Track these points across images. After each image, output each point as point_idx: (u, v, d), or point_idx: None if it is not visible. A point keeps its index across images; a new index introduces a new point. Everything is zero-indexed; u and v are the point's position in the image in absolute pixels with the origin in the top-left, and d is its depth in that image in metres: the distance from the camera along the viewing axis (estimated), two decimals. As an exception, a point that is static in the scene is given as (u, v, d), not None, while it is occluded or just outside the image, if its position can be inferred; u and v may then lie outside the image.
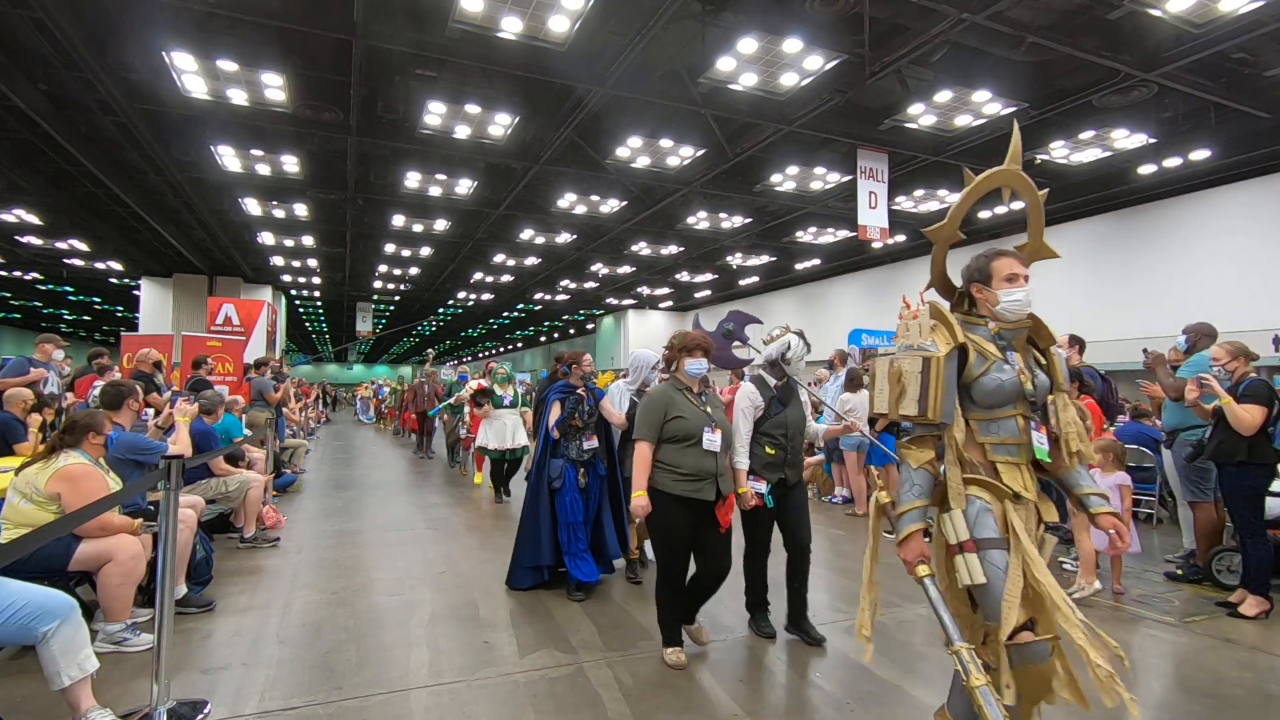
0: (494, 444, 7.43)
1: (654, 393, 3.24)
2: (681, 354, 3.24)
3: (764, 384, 3.49)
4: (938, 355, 1.98)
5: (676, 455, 3.10)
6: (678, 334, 3.30)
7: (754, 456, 3.39)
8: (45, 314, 29.27)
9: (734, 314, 4.07)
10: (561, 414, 4.35)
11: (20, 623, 2.34)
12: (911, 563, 2.05)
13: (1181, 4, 6.07)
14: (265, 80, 7.41)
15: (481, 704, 2.81)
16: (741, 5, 6.50)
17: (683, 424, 3.10)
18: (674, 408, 3.13)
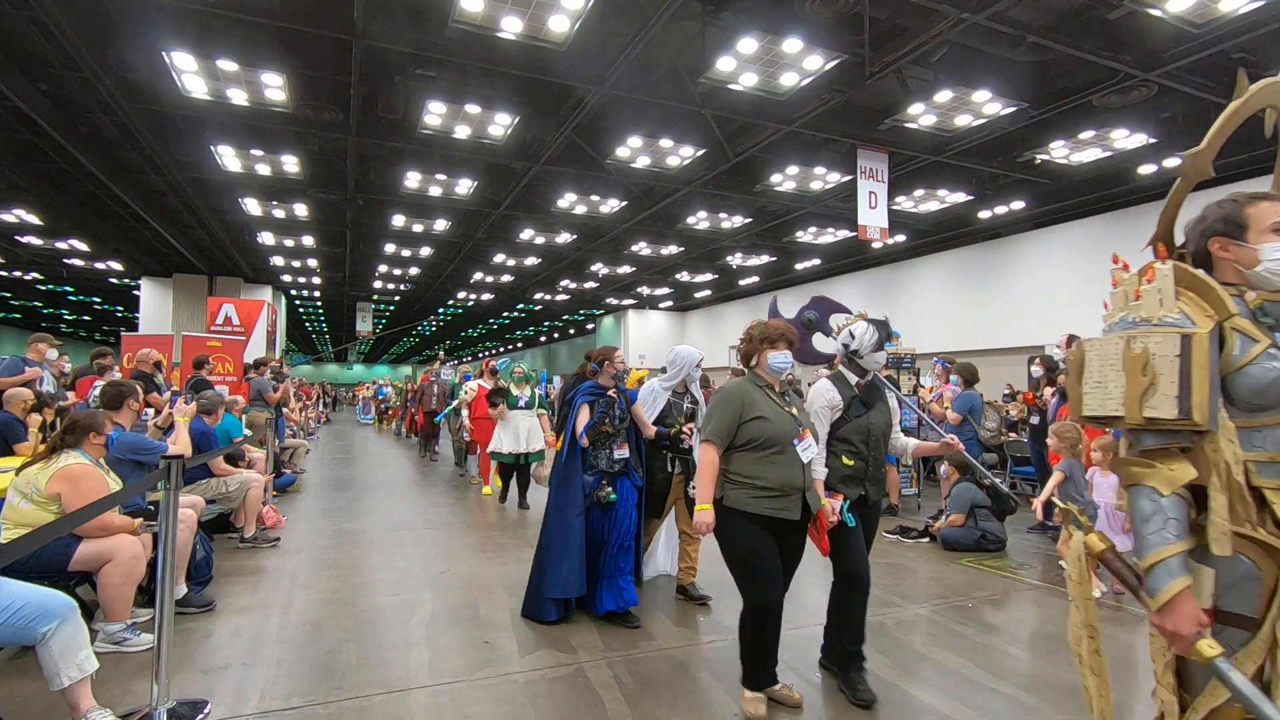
0: (508, 447, 7.04)
1: (730, 388, 2.78)
2: (763, 346, 2.81)
3: (843, 381, 2.99)
4: (1200, 332, 1.40)
5: (757, 466, 2.62)
6: (757, 323, 2.87)
7: (829, 468, 2.90)
8: (45, 314, 29.26)
9: (817, 300, 3.50)
10: (591, 418, 3.87)
11: (20, 623, 2.34)
12: (1186, 637, 1.34)
13: (1181, 4, 6.07)
14: (265, 80, 7.41)
15: (481, 704, 2.81)
16: (741, 5, 6.49)
17: (765, 427, 2.63)
18: (753, 406, 2.67)
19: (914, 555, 5.50)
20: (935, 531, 5.87)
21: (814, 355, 3.42)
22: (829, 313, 3.44)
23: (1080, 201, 11.48)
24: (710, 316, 24.68)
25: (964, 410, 6.31)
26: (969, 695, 2.94)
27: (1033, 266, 13.28)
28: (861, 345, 2.96)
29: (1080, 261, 12.43)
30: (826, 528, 2.75)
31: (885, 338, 2.98)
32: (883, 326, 2.98)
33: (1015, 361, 12.51)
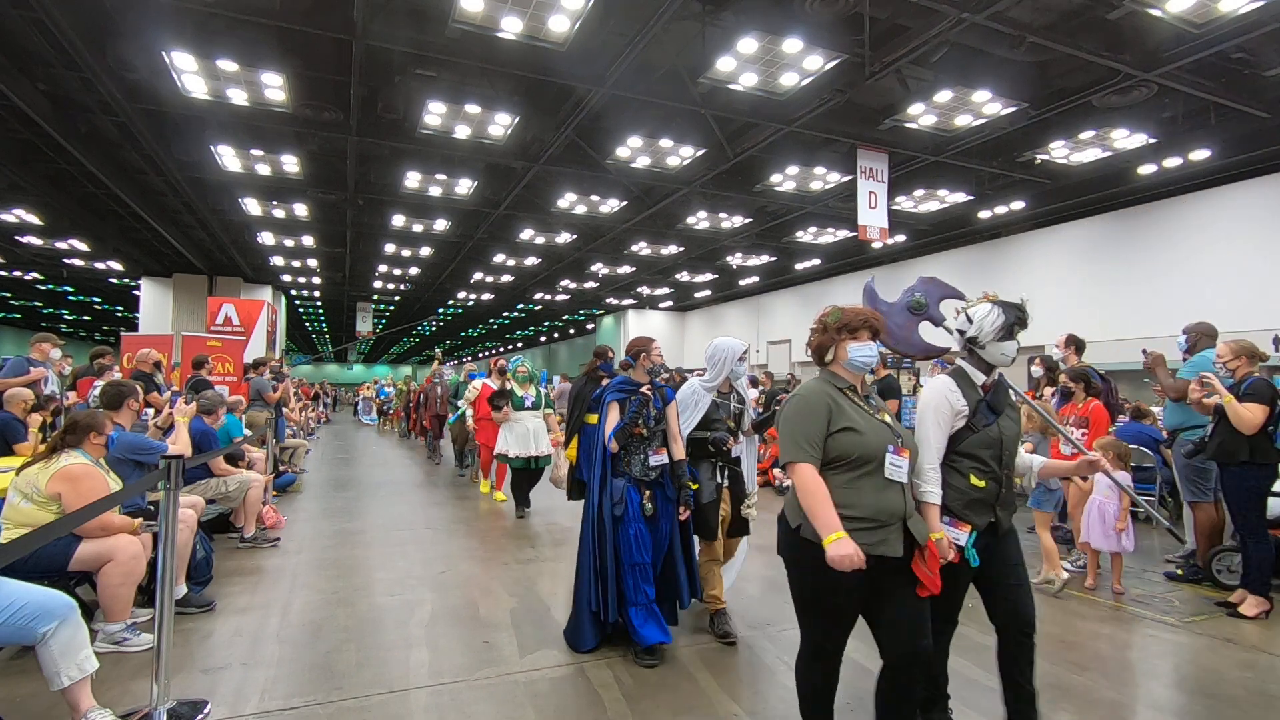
0: (515, 450, 6.72)
1: (808, 391, 2.21)
2: (841, 335, 2.23)
3: (966, 380, 2.39)
4: None
5: (846, 489, 2.09)
6: (832, 309, 2.30)
7: (949, 489, 2.31)
8: (45, 314, 29.28)
9: (926, 281, 2.89)
10: (621, 419, 3.40)
11: (20, 623, 2.34)
12: None
13: (1181, 4, 6.07)
14: (265, 80, 7.41)
15: (481, 704, 2.81)
16: (741, 5, 6.49)
17: (856, 441, 2.08)
18: (840, 415, 2.11)
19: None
20: (935, 531, 5.85)
21: (919, 346, 2.80)
22: (941, 297, 2.84)
23: (1080, 201, 11.48)
24: (710, 316, 24.70)
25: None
26: (969, 695, 2.94)
27: (1033, 266, 13.28)
28: (982, 332, 2.37)
29: (1080, 261, 12.44)
30: (939, 562, 2.16)
31: (1018, 324, 2.36)
32: (1012, 310, 2.36)
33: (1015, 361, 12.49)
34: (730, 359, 3.57)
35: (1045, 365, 6.77)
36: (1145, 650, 3.51)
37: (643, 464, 3.40)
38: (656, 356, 3.57)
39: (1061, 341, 5.73)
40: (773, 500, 7.85)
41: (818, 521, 2.03)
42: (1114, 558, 4.37)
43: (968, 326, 2.44)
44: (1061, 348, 5.70)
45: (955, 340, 2.53)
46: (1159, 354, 4.91)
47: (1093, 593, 4.38)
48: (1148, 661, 3.38)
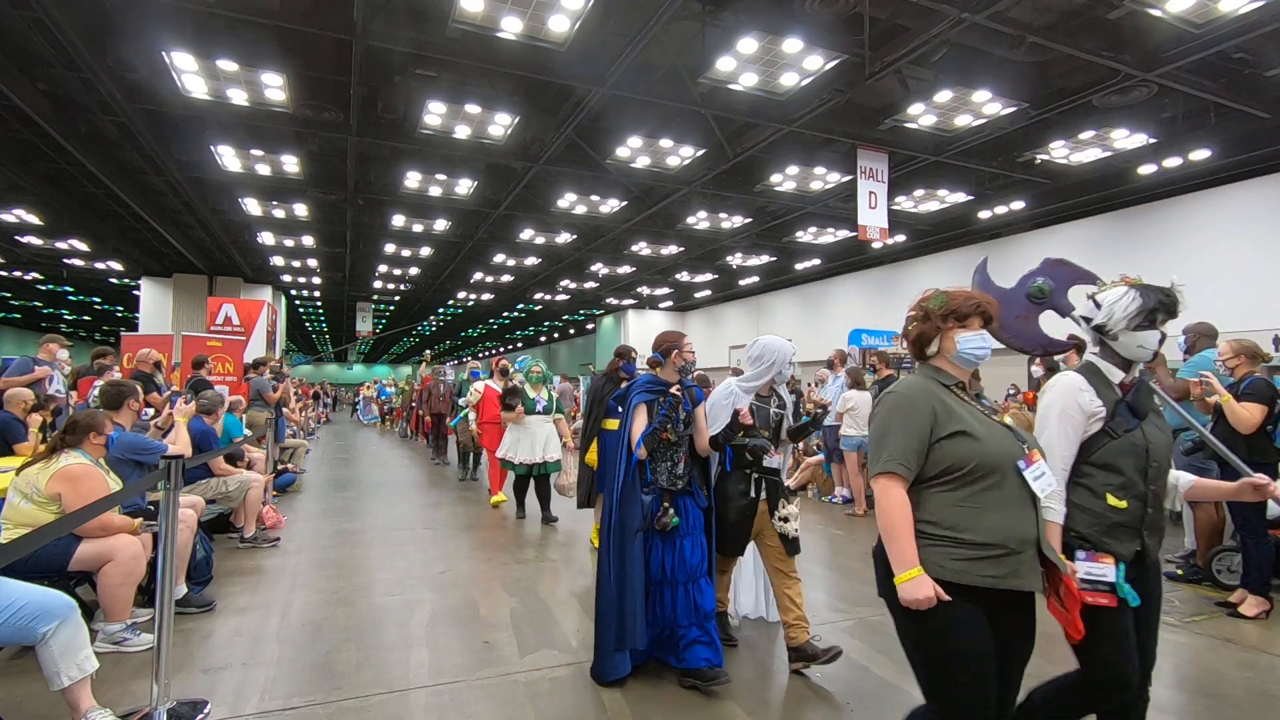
0: (522, 456, 6.30)
1: (909, 389, 1.86)
2: (948, 324, 1.88)
3: (1100, 377, 2.00)
4: None
5: (964, 509, 1.73)
6: (935, 292, 1.95)
7: (1079, 512, 1.92)
8: (45, 314, 29.26)
9: (1052, 264, 2.50)
10: (650, 423, 3.09)
11: (20, 623, 2.34)
12: None
13: (1181, 4, 6.07)
14: (265, 80, 7.41)
15: (481, 704, 2.81)
16: (741, 5, 6.49)
17: (972, 449, 1.73)
18: (950, 418, 1.78)
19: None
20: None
21: (1038, 340, 2.45)
22: (1070, 282, 2.42)
23: (1080, 201, 11.48)
24: (710, 316, 24.69)
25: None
26: (969, 695, 2.93)
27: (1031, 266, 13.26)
28: (1112, 319, 1.98)
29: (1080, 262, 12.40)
30: (1078, 602, 1.79)
31: (1161, 311, 1.96)
32: (1153, 294, 1.96)
33: (1016, 361, 12.49)
34: (780, 362, 3.23)
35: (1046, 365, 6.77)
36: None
37: (670, 472, 3.07)
38: (689, 354, 3.24)
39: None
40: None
41: (892, 549, 1.74)
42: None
43: (1095, 313, 2.05)
44: (1062, 348, 5.69)
45: (1084, 331, 2.11)
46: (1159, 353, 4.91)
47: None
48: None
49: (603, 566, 3.07)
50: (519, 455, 6.31)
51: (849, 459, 7.23)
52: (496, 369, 7.72)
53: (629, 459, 3.10)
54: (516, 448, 6.33)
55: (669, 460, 3.09)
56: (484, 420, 7.48)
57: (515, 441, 6.36)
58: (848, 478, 7.43)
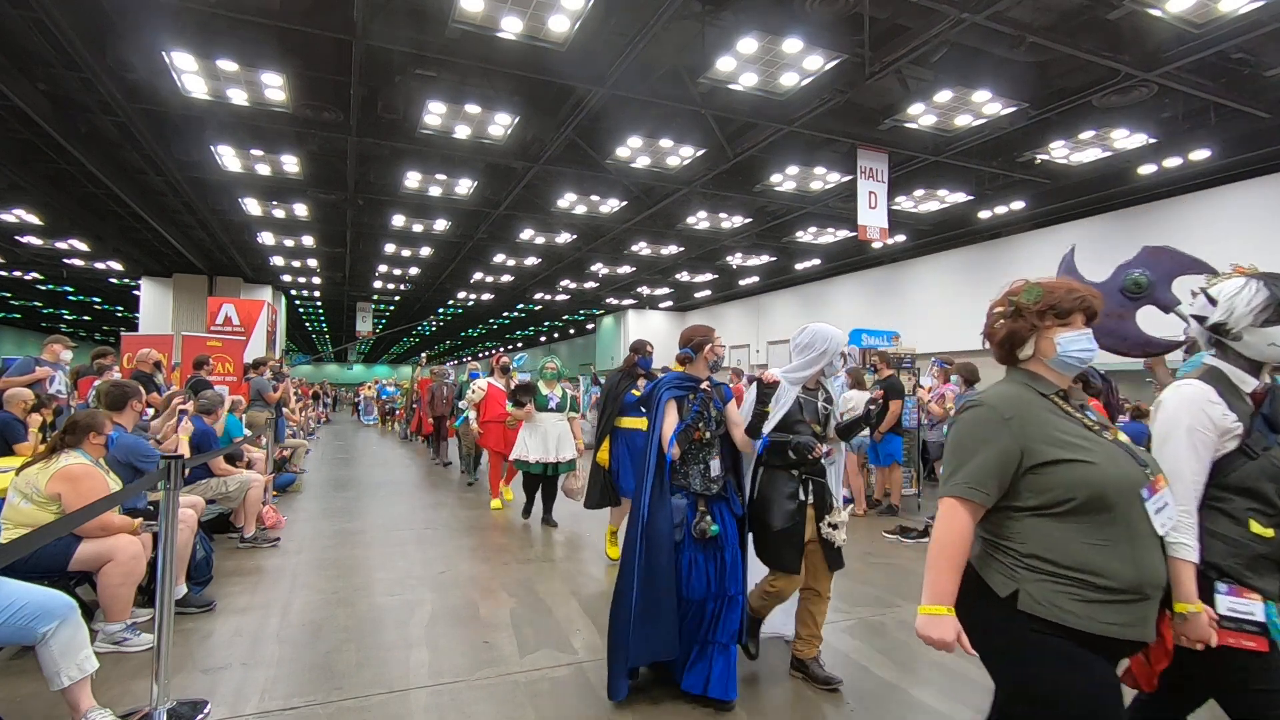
0: (535, 455, 6.07)
1: (997, 401, 1.57)
2: (1046, 321, 1.59)
3: (1229, 386, 1.72)
4: None
5: (1085, 545, 1.45)
6: (1027, 284, 1.64)
7: (1216, 541, 1.65)
8: (45, 314, 29.26)
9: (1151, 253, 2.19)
10: (681, 421, 2.92)
11: (20, 623, 2.34)
12: None
13: (1181, 4, 6.07)
14: (265, 80, 7.41)
15: (481, 704, 2.81)
16: (741, 5, 6.49)
17: (1087, 475, 1.45)
18: (1054, 437, 1.50)
19: (914, 555, 5.50)
20: (935, 531, 5.85)
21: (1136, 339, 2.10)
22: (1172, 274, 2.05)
23: (1080, 201, 11.48)
24: (710, 317, 24.68)
25: (966, 411, 6.29)
26: (969, 695, 2.94)
27: (1033, 266, 13.11)
28: (1233, 315, 1.70)
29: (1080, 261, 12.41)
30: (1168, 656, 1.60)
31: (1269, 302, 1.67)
32: (1278, 283, 1.69)
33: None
34: (831, 352, 2.97)
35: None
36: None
37: (703, 475, 2.86)
38: (720, 349, 3.11)
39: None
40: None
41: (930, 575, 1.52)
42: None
43: (1210, 310, 1.75)
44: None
45: (1194, 329, 1.83)
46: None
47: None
48: (1148, 661, 3.38)
49: (625, 576, 2.80)
50: (532, 454, 6.08)
51: (849, 459, 7.24)
52: (497, 366, 7.60)
53: (659, 460, 2.88)
54: (529, 446, 6.10)
55: (701, 462, 2.88)
56: (485, 419, 7.29)
57: (528, 440, 6.15)
58: (848, 478, 7.44)
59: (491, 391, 7.30)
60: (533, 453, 6.08)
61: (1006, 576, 1.51)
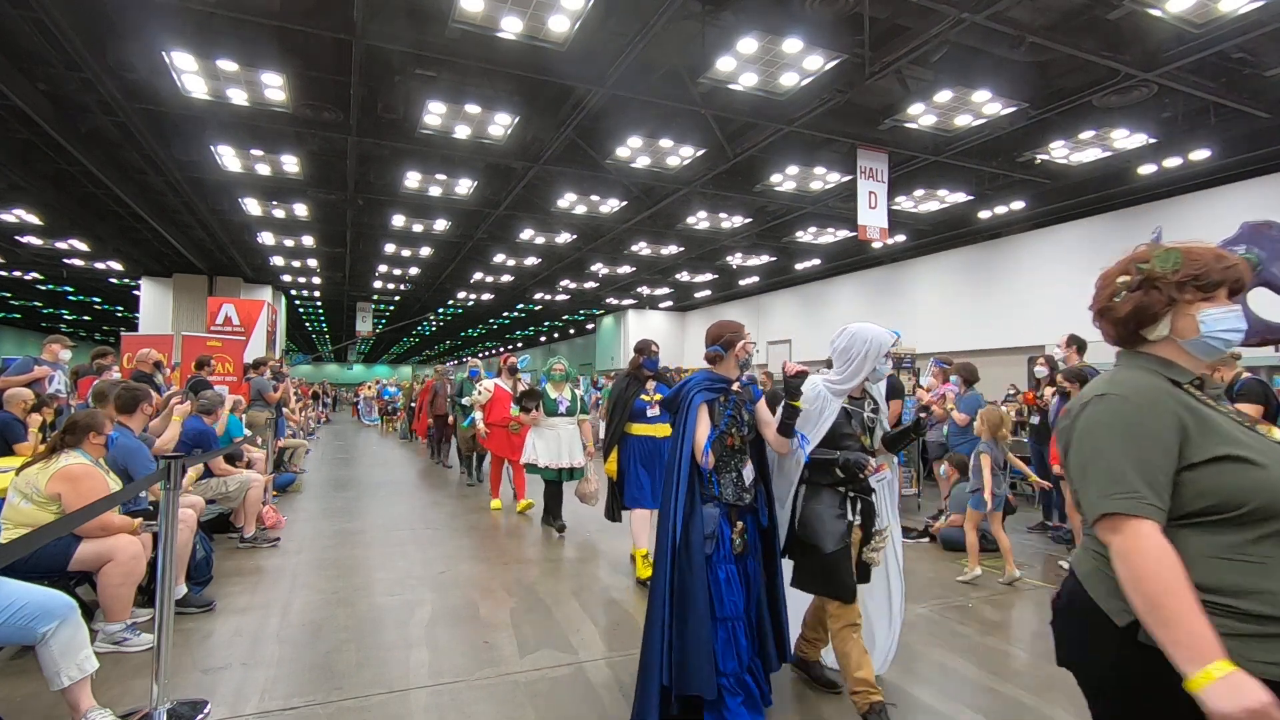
0: (545, 460, 5.90)
1: (1130, 390, 1.29)
2: (1186, 294, 1.31)
3: None
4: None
5: (1233, 565, 1.19)
6: (1162, 249, 1.34)
7: None
8: (45, 314, 29.27)
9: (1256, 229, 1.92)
10: (715, 428, 2.72)
11: (20, 623, 2.34)
12: None
13: (1181, 4, 6.07)
14: (265, 80, 7.41)
15: (481, 704, 2.81)
16: (741, 5, 6.49)
17: (1255, 478, 1.19)
18: (1210, 432, 1.23)
19: (914, 555, 5.51)
20: (935, 531, 5.87)
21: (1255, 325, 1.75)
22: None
23: (1080, 201, 11.48)
24: (710, 317, 24.63)
25: (971, 411, 6.30)
26: (969, 695, 2.94)
27: (1033, 266, 13.28)
28: None
29: (1080, 261, 12.43)
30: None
31: None
32: None
33: (1015, 361, 12.52)
34: (874, 354, 2.68)
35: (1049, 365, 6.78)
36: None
37: (735, 484, 2.66)
38: (750, 347, 2.89)
39: (1063, 341, 5.73)
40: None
41: (1171, 631, 1.11)
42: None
43: None
44: (1063, 348, 5.71)
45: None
46: None
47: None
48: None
49: (657, 596, 2.59)
50: (541, 459, 5.90)
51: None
52: (505, 367, 7.28)
53: (691, 469, 2.66)
54: (539, 451, 5.91)
55: (733, 470, 2.68)
56: (490, 420, 7.00)
57: (537, 445, 5.94)
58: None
59: (498, 393, 7.06)
60: (543, 457, 5.91)
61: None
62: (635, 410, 4.70)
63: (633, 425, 4.72)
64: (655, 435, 4.67)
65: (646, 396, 4.69)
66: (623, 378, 4.93)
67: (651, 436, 4.68)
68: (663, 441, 4.57)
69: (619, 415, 4.71)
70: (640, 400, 4.69)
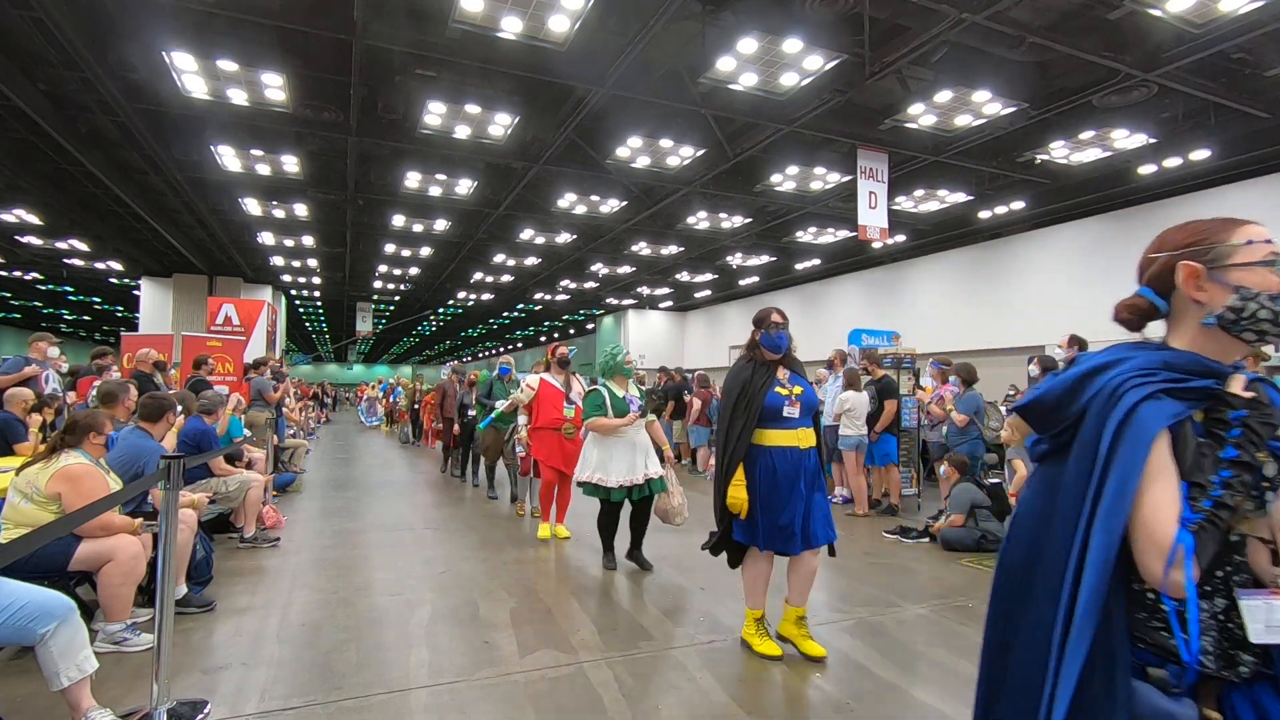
0: (618, 476, 4.61)
1: None
2: None
3: None
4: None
5: None
6: None
7: None
8: (45, 314, 29.29)
9: None
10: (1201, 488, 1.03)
11: (19, 623, 2.34)
12: None
13: (1181, 4, 6.07)
14: (265, 80, 7.41)
15: (481, 704, 2.81)
16: (741, 5, 6.49)
17: None
18: None
19: (914, 555, 5.50)
20: (935, 531, 5.87)
21: None
22: None
23: (1080, 201, 11.48)
24: (710, 316, 24.68)
25: (970, 411, 6.31)
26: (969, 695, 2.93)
27: (1033, 266, 13.28)
28: None
29: (1080, 261, 12.44)
30: None
31: None
32: None
33: (1015, 361, 12.51)
34: None
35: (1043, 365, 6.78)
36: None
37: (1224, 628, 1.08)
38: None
39: (1064, 341, 5.74)
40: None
41: None
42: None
43: None
44: (1064, 348, 5.71)
45: None
46: None
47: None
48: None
49: None
50: (612, 475, 4.62)
51: (848, 459, 7.24)
52: (554, 359, 5.93)
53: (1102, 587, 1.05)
54: (607, 465, 4.66)
55: (1224, 592, 1.10)
56: (539, 425, 5.68)
57: (602, 455, 4.70)
58: (848, 478, 7.44)
59: (545, 390, 5.72)
60: (614, 474, 4.60)
61: None
62: (768, 409, 3.25)
63: (765, 431, 3.26)
64: (800, 446, 3.26)
65: (784, 390, 3.27)
66: (743, 363, 3.42)
67: (795, 448, 3.25)
68: (807, 454, 3.28)
69: (745, 416, 3.23)
70: (775, 394, 3.26)
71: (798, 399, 3.28)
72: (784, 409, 3.26)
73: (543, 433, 5.64)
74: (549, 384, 5.76)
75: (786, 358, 3.42)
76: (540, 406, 5.71)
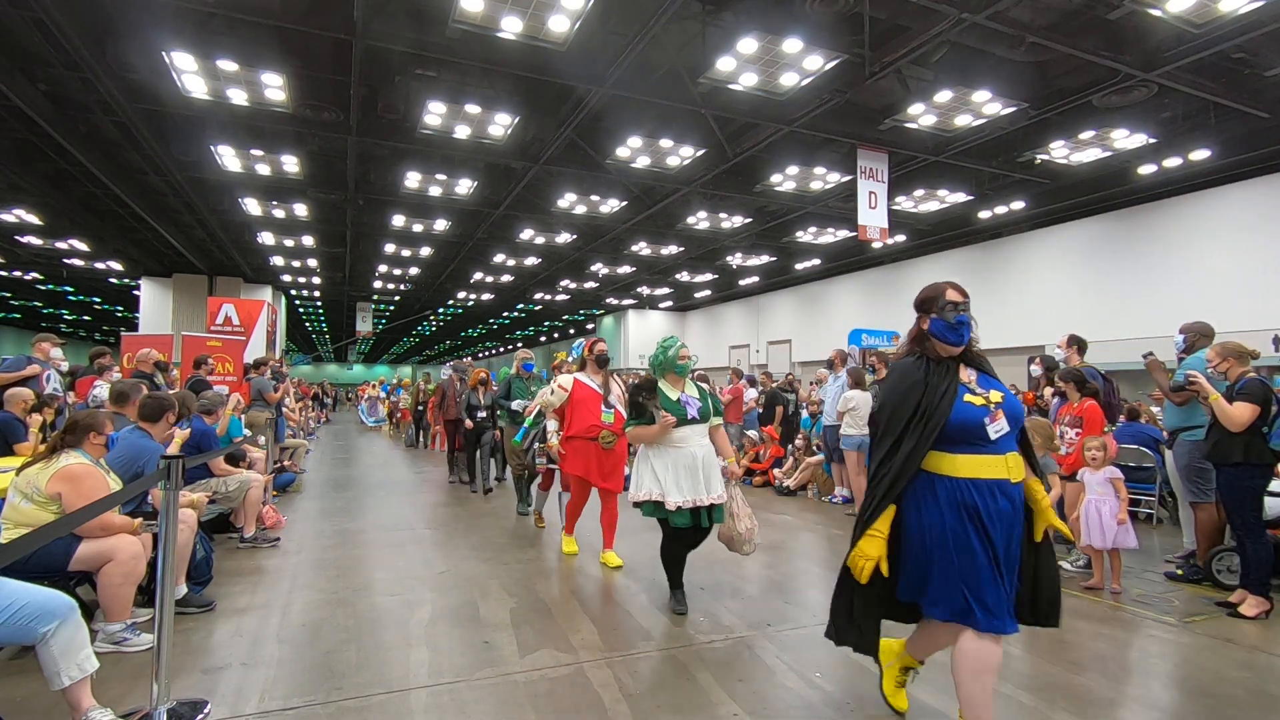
0: (677, 497, 3.65)
1: None
2: None
3: None
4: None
5: None
6: None
7: None
8: (45, 314, 29.31)
9: None
10: None
11: (20, 623, 2.34)
12: None
13: (1181, 4, 6.07)
14: (265, 80, 7.41)
15: (481, 704, 2.81)
16: (741, 5, 6.50)
17: None
18: None
19: (914, 555, 5.49)
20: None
21: None
22: None
23: (1080, 201, 11.49)
24: (710, 316, 24.70)
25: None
26: (968, 695, 2.93)
27: (1033, 266, 13.29)
28: None
29: (1080, 261, 12.44)
30: None
31: None
32: None
33: (1015, 361, 12.52)
34: None
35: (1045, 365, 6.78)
36: (1144, 650, 3.51)
37: None
38: None
39: (1064, 341, 5.74)
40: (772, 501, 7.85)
41: None
42: (1112, 557, 4.38)
43: None
44: (1064, 348, 5.71)
45: None
46: (1157, 360, 4.93)
47: (1092, 592, 4.38)
48: (1147, 661, 3.38)
49: None
50: (672, 494, 3.67)
51: (849, 459, 7.23)
52: (591, 356, 4.99)
53: None
54: (667, 481, 3.70)
55: None
56: (572, 432, 4.80)
57: (663, 470, 3.73)
58: (848, 478, 7.43)
59: (579, 392, 4.85)
60: (673, 492, 3.66)
61: None
62: (956, 426, 2.18)
63: (944, 455, 2.20)
64: (1009, 480, 2.20)
65: (978, 397, 2.23)
66: (911, 361, 2.34)
67: (999, 481, 2.18)
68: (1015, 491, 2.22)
69: (917, 437, 2.18)
70: (967, 405, 2.20)
71: (999, 408, 2.22)
72: (985, 424, 2.18)
73: (576, 442, 4.75)
74: (584, 385, 4.85)
75: (969, 352, 2.34)
76: (574, 411, 4.80)
